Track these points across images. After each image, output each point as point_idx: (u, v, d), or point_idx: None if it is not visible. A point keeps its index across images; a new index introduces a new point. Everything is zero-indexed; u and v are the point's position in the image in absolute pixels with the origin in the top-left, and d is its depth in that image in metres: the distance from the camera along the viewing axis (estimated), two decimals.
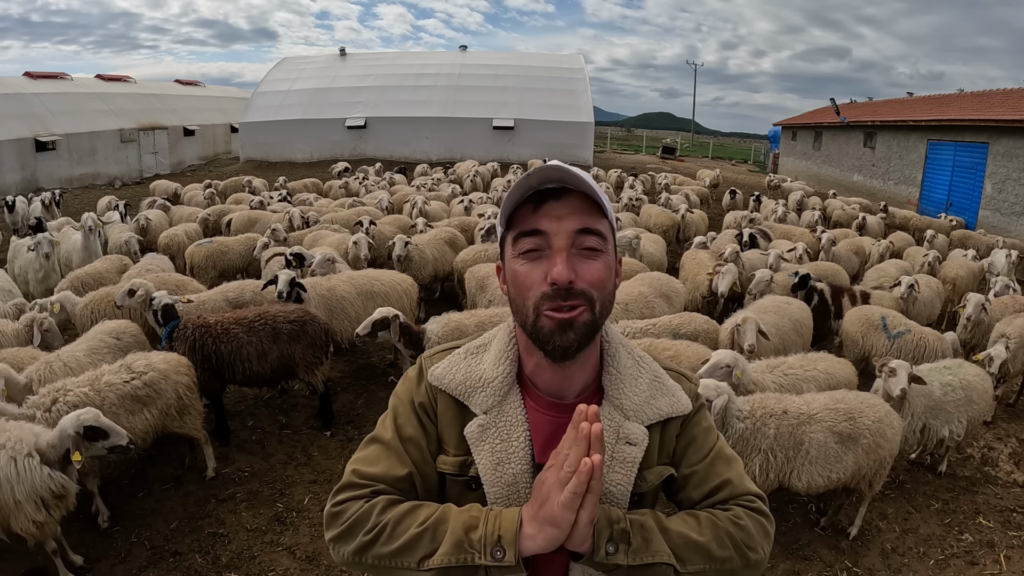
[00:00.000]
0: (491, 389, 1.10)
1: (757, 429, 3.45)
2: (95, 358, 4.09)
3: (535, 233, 1.01)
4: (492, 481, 1.07)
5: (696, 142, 52.11)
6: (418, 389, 1.16)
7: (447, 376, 1.13)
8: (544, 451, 1.07)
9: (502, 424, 1.08)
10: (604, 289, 1.03)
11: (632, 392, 1.12)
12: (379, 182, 14.10)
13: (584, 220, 1.01)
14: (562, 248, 1.00)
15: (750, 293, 6.28)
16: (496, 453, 1.07)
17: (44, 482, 2.88)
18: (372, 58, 29.28)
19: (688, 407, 1.15)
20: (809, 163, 24.67)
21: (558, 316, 0.99)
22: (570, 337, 1.00)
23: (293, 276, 5.28)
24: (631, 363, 1.15)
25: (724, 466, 1.17)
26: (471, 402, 1.10)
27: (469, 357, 1.15)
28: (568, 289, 0.98)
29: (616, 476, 1.08)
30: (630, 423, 1.10)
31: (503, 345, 1.14)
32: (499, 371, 1.11)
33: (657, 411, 1.12)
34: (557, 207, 1.01)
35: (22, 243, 7.25)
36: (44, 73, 21.40)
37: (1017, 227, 12.37)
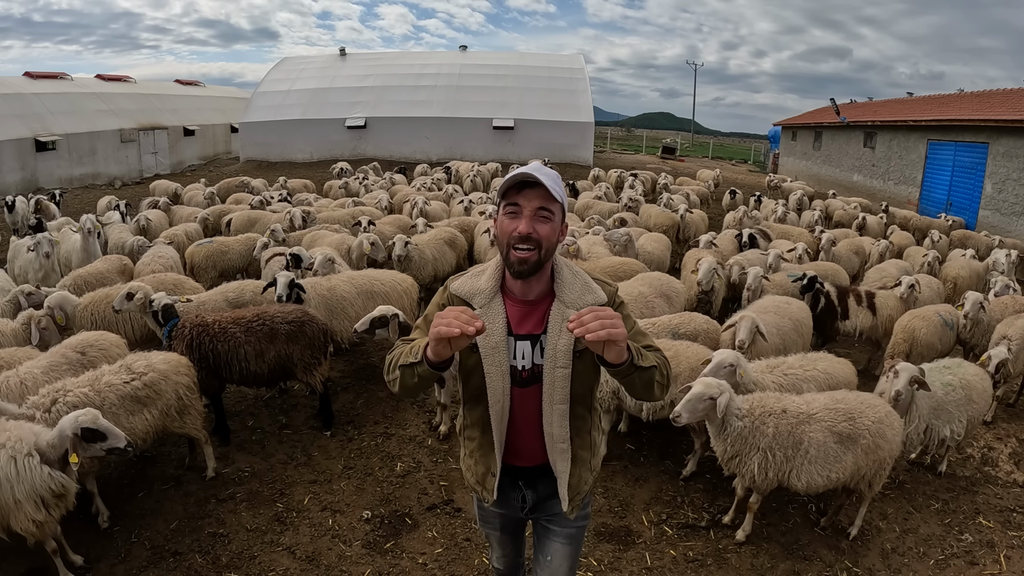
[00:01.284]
0: (484, 295, 1.83)
1: (756, 428, 3.46)
2: (52, 376, 3.81)
3: (515, 204, 1.73)
4: (483, 345, 1.79)
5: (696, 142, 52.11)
6: (442, 296, 1.92)
7: (461, 288, 1.87)
8: (518, 327, 1.83)
9: (490, 313, 1.81)
10: (549, 241, 1.74)
11: (570, 291, 1.82)
12: (379, 182, 14.10)
13: (543, 202, 1.72)
14: (528, 215, 1.71)
15: (748, 290, 6.30)
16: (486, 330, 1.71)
17: (44, 481, 2.88)
18: (372, 58, 29.29)
19: (604, 299, 1.83)
20: (809, 163, 24.67)
21: (518, 255, 1.72)
22: (524, 267, 1.73)
23: (292, 278, 5.28)
24: (570, 275, 1.85)
25: (641, 337, 1.86)
26: (473, 302, 1.83)
27: (473, 277, 1.88)
28: (527, 237, 1.70)
29: (562, 342, 1.78)
30: (569, 310, 1.77)
31: (493, 269, 1.87)
32: (489, 284, 1.84)
33: (586, 301, 1.79)
34: (529, 193, 1.72)
35: (22, 243, 7.26)
36: (44, 73, 21.40)
37: (1017, 227, 12.36)
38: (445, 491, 4.21)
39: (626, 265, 6.79)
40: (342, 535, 3.74)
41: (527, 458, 1.95)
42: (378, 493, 4.16)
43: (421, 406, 5.35)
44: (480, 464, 1.99)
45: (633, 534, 3.84)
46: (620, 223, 9.40)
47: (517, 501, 2.03)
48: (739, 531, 3.79)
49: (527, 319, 1.83)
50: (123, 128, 21.09)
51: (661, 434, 4.88)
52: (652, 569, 3.56)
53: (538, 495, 2.01)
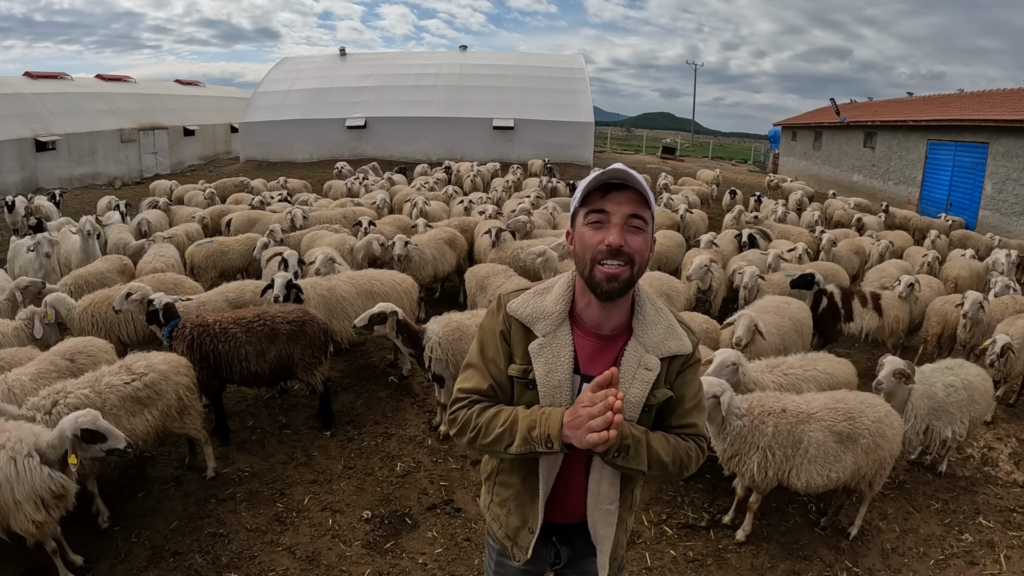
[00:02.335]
0: (550, 320, 1.57)
1: (755, 427, 3.46)
2: (41, 383, 3.72)
3: (601, 211, 1.48)
4: (543, 383, 1.55)
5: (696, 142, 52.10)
6: (497, 318, 1.64)
7: (520, 308, 1.60)
8: (586, 365, 1.57)
9: (555, 345, 1.56)
10: (642, 256, 1.50)
11: (652, 333, 1.57)
12: (378, 182, 14.10)
13: (635, 207, 1.47)
14: (618, 223, 1.46)
15: (744, 288, 6.30)
16: (548, 364, 1.55)
17: (44, 482, 2.87)
18: (372, 58, 29.28)
19: (689, 349, 1.62)
20: (809, 163, 24.67)
21: (608, 271, 1.46)
22: (614, 285, 1.47)
23: (289, 278, 5.27)
24: (653, 312, 1.61)
25: (697, 413, 1.65)
26: (535, 328, 1.57)
27: (536, 296, 1.62)
28: (618, 250, 1.45)
29: (635, 391, 1.54)
30: (649, 355, 1.56)
31: (562, 290, 1.60)
32: (557, 308, 1.58)
33: (668, 348, 1.58)
34: (618, 196, 1.47)
35: (22, 243, 7.26)
36: (44, 73, 21.39)
37: (1017, 227, 12.36)
38: (445, 491, 4.21)
39: None
40: (342, 535, 3.74)
41: (567, 515, 1.70)
42: (378, 493, 4.16)
43: (421, 406, 5.36)
44: (515, 516, 1.71)
45: (633, 534, 3.84)
46: None
47: (549, 556, 1.79)
48: (739, 531, 3.79)
49: (599, 357, 1.56)
50: (123, 128, 21.08)
51: None
52: (652, 569, 3.56)
53: (574, 551, 1.77)
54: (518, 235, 7.95)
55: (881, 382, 3.87)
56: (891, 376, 3.88)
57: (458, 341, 4.59)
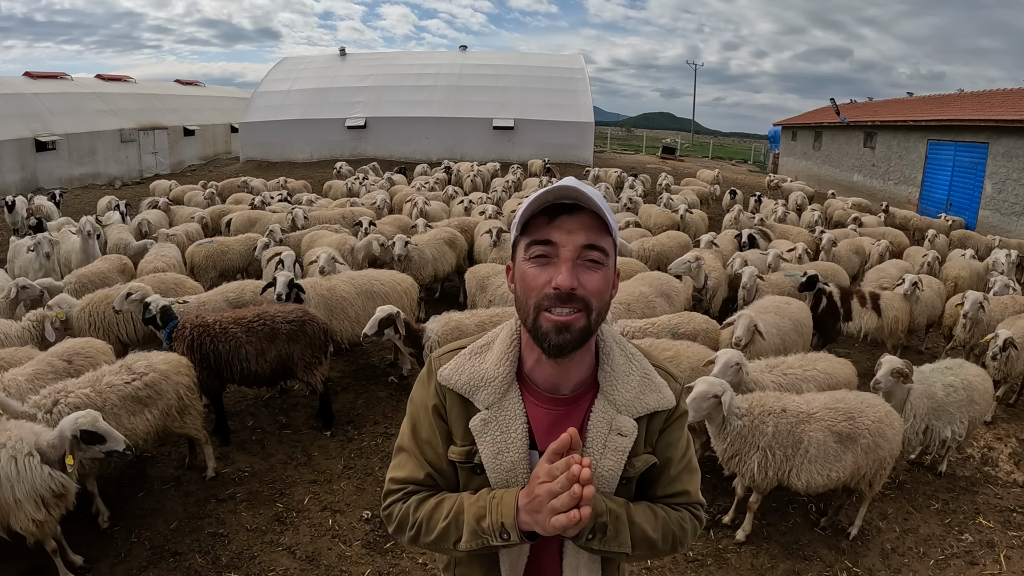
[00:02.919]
0: (492, 387, 1.24)
1: (755, 427, 3.46)
2: (37, 384, 3.70)
3: (546, 242, 1.14)
4: (493, 467, 1.24)
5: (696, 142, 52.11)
6: (429, 391, 1.32)
7: (454, 376, 1.27)
8: (544, 439, 1.23)
9: (502, 418, 1.24)
10: (601, 299, 1.16)
11: (624, 388, 1.25)
12: (378, 182, 14.11)
13: (591, 236, 1.14)
14: (568, 258, 1.13)
15: (743, 288, 6.30)
16: (496, 444, 1.23)
17: (44, 481, 2.88)
18: (372, 58, 29.29)
19: (672, 402, 1.29)
20: (809, 163, 24.67)
21: (555, 319, 1.13)
22: (565, 337, 1.14)
23: (291, 277, 5.28)
24: (623, 360, 1.28)
25: (688, 477, 1.35)
26: (475, 399, 1.25)
27: (474, 357, 1.29)
28: (569, 294, 1.11)
29: (608, 463, 1.23)
30: (622, 416, 1.24)
31: (505, 346, 1.28)
32: (500, 370, 1.25)
33: (646, 405, 1.26)
34: (569, 221, 1.14)
35: (22, 243, 7.27)
36: (44, 73, 21.40)
37: (1017, 227, 12.36)
38: None
39: (626, 265, 6.79)
40: (342, 535, 3.75)
41: None
42: (378, 493, 4.16)
43: None
44: None
45: None
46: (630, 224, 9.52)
47: None
48: (739, 531, 3.79)
49: (560, 426, 1.21)
50: (123, 128, 21.09)
51: None
52: (652, 569, 3.56)
53: None
54: None
55: (879, 381, 3.88)
56: (889, 375, 3.89)
57: (457, 340, 4.60)
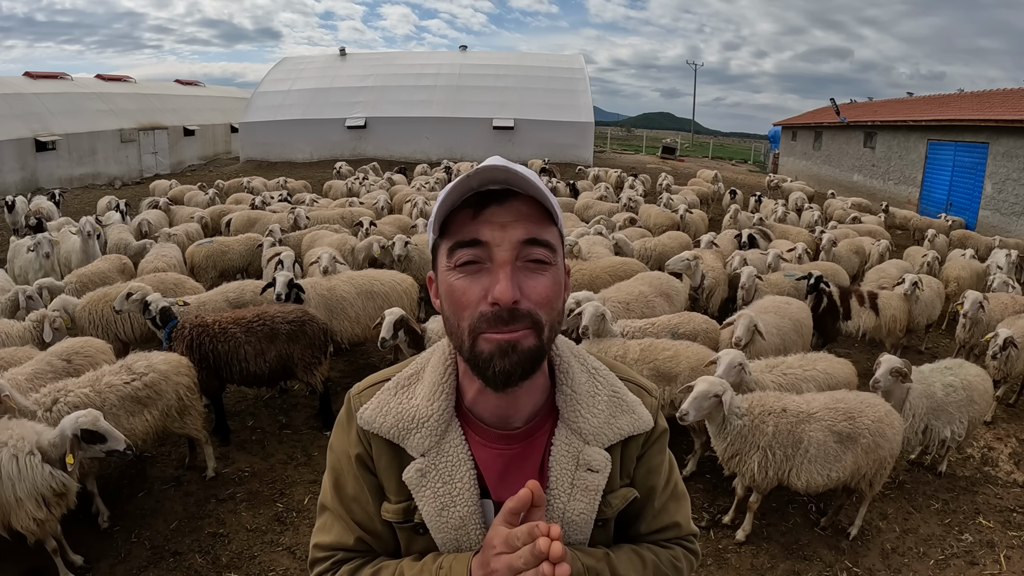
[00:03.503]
0: (427, 429, 1.00)
1: (755, 426, 3.47)
2: (37, 383, 3.69)
3: (474, 244, 0.89)
4: (438, 527, 1.00)
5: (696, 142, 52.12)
6: (349, 437, 1.07)
7: (377, 419, 1.02)
8: (497, 487, 1.01)
9: (443, 466, 1.00)
10: (552, 308, 0.92)
11: (590, 413, 1.02)
12: (379, 182, 14.12)
13: (531, 229, 0.90)
14: (505, 262, 0.88)
15: (741, 288, 6.30)
16: (439, 498, 1.00)
17: (45, 480, 2.88)
18: (372, 58, 29.29)
19: (649, 423, 1.07)
20: (809, 163, 24.67)
21: (498, 337, 0.88)
22: (512, 360, 0.88)
23: (291, 277, 5.28)
24: (586, 378, 1.05)
25: (676, 506, 1.15)
26: (407, 445, 1.01)
27: (399, 392, 1.05)
28: (512, 311, 0.87)
29: (578, 505, 1.01)
30: (590, 448, 1.01)
31: (437, 375, 1.03)
32: (434, 408, 1.01)
33: (618, 431, 1.04)
34: (500, 213, 0.89)
35: (22, 243, 7.27)
36: (44, 73, 21.41)
37: (1017, 227, 12.36)
38: None
39: (627, 265, 6.79)
40: None
41: None
42: None
43: None
44: None
45: None
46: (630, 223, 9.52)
47: None
48: (739, 531, 3.79)
49: (515, 468, 1.02)
50: (123, 128, 21.10)
51: None
52: None
53: None
54: None
55: (879, 380, 3.88)
56: (888, 374, 3.89)
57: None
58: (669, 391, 4.21)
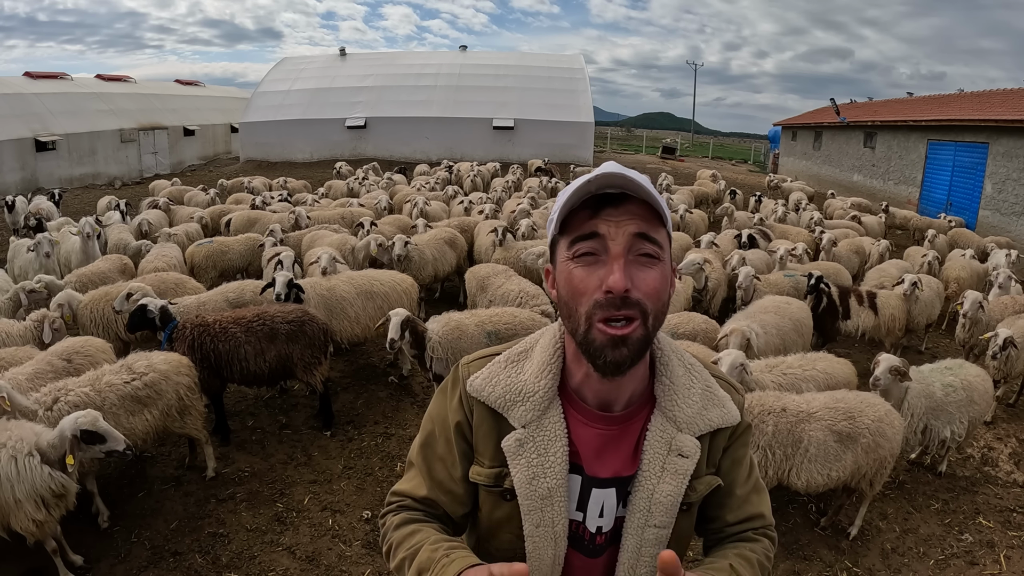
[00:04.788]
0: (531, 403, 1.08)
1: (755, 426, 3.47)
2: (37, 383, 3.69)
3: (592, 236, 0.98)
4: (526, 494, 1.08)
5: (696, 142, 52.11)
6: (452, 403, 1.16)
7: (487, 388, 1.11)
8: (592, 463, 1.10)
9: (540, 439, 1.08)
10: (660, 300, 1.00)
11: (685, 404, 1.11)
12: (379, 182, 14.12)
13: (642, 226, 0.98)
14: (619, 254, 0.97)
15: (740, 288, 6.30)
16: (532, 467, 1.08)
17: (44, 481, 2.88)
18: (372, 58, 29.29)
19: (737, 418, 1.16)
20: (809, 163, 24.66)
21: (611, 332, 0.96)
22: (623, 352, 0.98)
23: (290, 278, 5.28)
24: (683, 372, 1.13)
25: (758, 498, 1.23)
26: (510, 415, 1.09)
27: (510, 366, 1.13)
28: (624, 299, 0.95)
29: (667, 487, 1.09)
30: (683, 435, 1.10)
31: (547, 355, 1.12)
32: (541, 384, 1.09)
33: (708, 422, 1.12)
34: (615, 212, 0.98)
35: (22, 243, 7.27)
36: (44, 73, 21.40)
37: (1017, 227, 12.35)
38: None
39: None
40: (342, 535, 3.75)
41: None
42: (378, 493, 4.16)
43: (421, 406, 5.35)
44: None
45: None
46: None
47: None
48: None
49: (609, 448, 1.11)
50: (123, 128, 21.09)
51: None
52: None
53: None
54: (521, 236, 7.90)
55: (878, 378, 3.88)
56: (887, 373, 3.89)
57: (458, 340, 4.60)
58: None
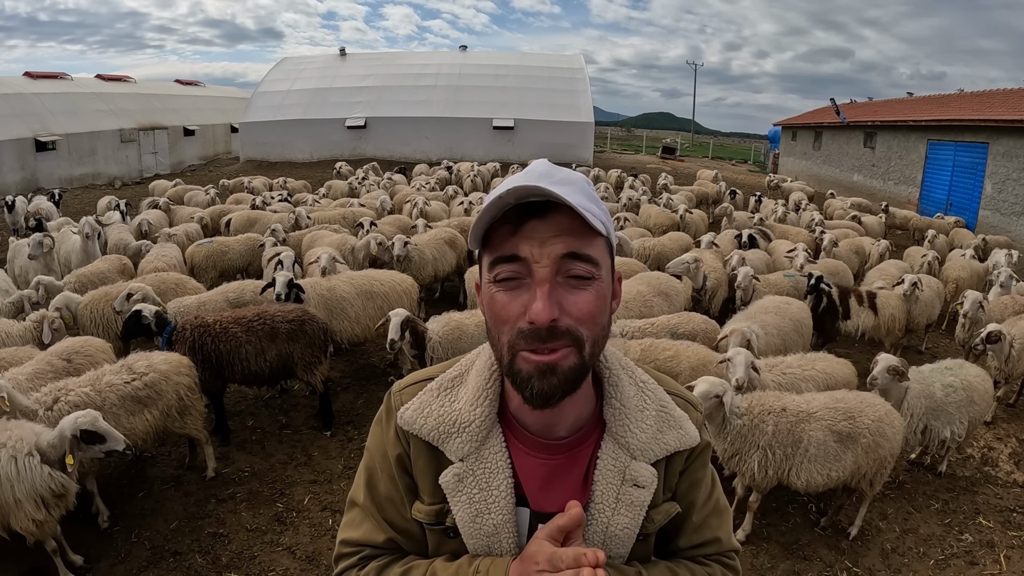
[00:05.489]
0: (468, 434, 0.98)
1: (755, 426, 3.47)
2: (37, 383, 3.69)
3: (513, 259, 0.86)
4: (470, 532, 0.99)
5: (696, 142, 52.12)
6: (388, 435, 1.06)
7: (418, 420, 1.01)
8: (537, 496, 0.99)
9: (480, 472, 0.98)
10: (596, 324, 0.89)
11: (638, 428, 1.00)
12: (379, 182, 14.12)
13: (572, 243, 0.86)
14: (545, 279, 0.85)
15: (738, 288, 6.30)
16: (474, 504, 0.98)
17: (44, 481, 2.88)
18: (372, 58, 29.28)
19: (696, 439, 1.05)
20: (809, 163, 24.67)
21: (536, 359, 0.86)
22: (552, 383, 0.87)
23: (291, 278, 5.29)
24: (635, 392, 1.03)
25: (717, 521, 1.13)
26: (446, 448, 0.99)
27: (443, 395, 1.03)
28: (550, 329, 0.85)
29: (622, 520, 1.00)
30: (637, 463, 1.00)
31: (482, 380, 1.01)
32: (477, 412, 0.99)
33: (664, 447, 1.02)
34: (540, 227, 0.86)
35: (22, 243, 7.27)
36: (44, 73, 21.41)
37: (1017, 227, 12.35)
38: None
39: (626, 265, 6.80)
40: None
41: None
42: None
43: None
44: None
45: None
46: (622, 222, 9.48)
47: None
48: (739, 531, 3.79)
49: (557, 479, 1.00)
50: (123, 128, 21.09)
51: None
52: None
53: None
54: None
55: (876, 377, 3.89)
56: (885, 372, 3.90)
57: (458, 340, 4.61)
58: None
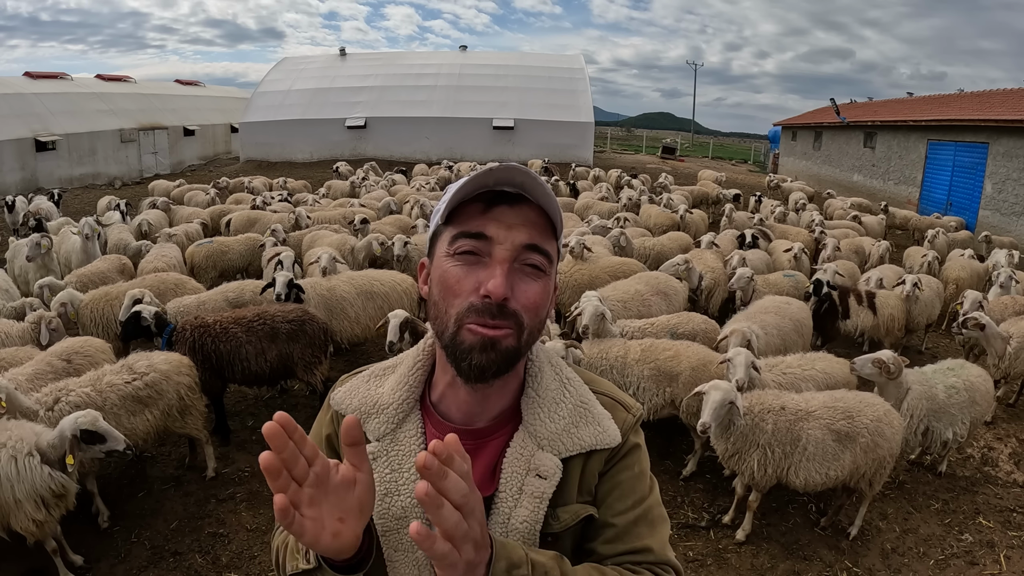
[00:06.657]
0: (385, 416, 1.02)
1: (755, 424, 3.48)
2: (37, 384, 3.68)
3: (478, 236, 0.91)
4: (380, 513, 0.98)
5: (696, 142, 52.12)
6: (324, 417, 1.12)
7: (345, 400, 1.07)
8: None
9: (393, 454, 1.00)
10: (537, 316, 0.94)
11: (549, 419, 1.00)
12: (379, 182, 14.12)
13: (534, 235, 0.93)
14: (505, 260, 0.90)
15: (733, 288, 6.30)
16: (384, 484, 0.99)
17: (44, 481, 2.88)
18: (372, 58, 29.30)
19: (616, 439, 1.01)
20: (809, 163, 24.67)
21: (483, 331, 0.89)
22: (490, 357, 0.90)
23: (291, 278, 5.29)
24: (556, 386, 1.04)
25: (648, 530, 1.03)
26: (366, 428, 1.03)
27: (372, 380, 1.09)
28: (500, 307, 0.89)
29: (523, 512, 0.96)
30: (543, 453, 0.98)
31: (407, 369, 1.07)
32: (396, 396, 1.04)
33: (577, 442, 1.00)
34: (509, 214, 0.92)
35: (22, 243, 7.26)
36: (44, 73, 21.41)
37: (1017, 227, 12.35)
38: None
39: (625, 265, 6.80)
40: None
41: None
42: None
43: None
44: None
45: None
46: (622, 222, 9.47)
47: None
48: (739, 531, 3.79)
49: (475, 468, 0.94)
50: (123, 128, 21.09)
51: (661, 434, 4.88)
52: None
53: None
54: None
55: (855, 363, 3.90)
56: (868, 363, 3.90)
57: None
58: (670, 391, 4.22)
